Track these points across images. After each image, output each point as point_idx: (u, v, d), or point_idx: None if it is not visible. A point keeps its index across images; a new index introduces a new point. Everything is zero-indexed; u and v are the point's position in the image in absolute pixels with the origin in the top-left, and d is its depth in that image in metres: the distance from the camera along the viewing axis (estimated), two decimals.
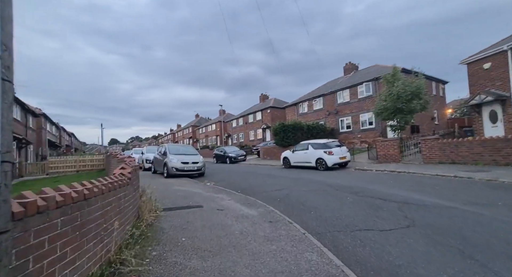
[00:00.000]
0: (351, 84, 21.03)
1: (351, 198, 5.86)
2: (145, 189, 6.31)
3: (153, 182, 9.36)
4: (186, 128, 65.49)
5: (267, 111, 33.46)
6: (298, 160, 13.25)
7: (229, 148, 23.71)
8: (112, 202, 2.73)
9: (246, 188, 8.04)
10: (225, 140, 44.15)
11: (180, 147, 13.30)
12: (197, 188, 7.96)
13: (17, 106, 16.81)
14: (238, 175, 12.10)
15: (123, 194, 3.17)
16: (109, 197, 2.63)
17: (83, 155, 22.26)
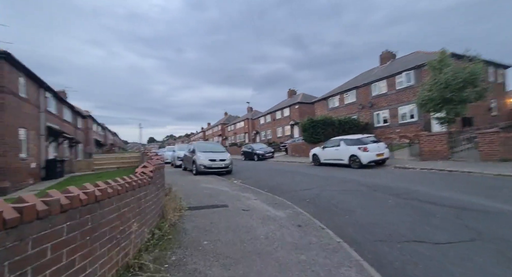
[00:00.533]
0: (388, 74, 19.20)
1: (393, 201, 5.15)
2: (172, 186, 6.37)
3: (182, 179, 9.55)
4: (215, 126, 67.30)
5: (295, 107, 32.53)
6: (328, 157, 12.47)
7: (256, 145, 23.57)
8: (130, 203, 2.61)
9: (274, 187, 7.69)
10: (253, 137, 44.24)
11: (208, 145, 13.46)
12: (224, 186, 7.85)
13: (67, 109, 18.73)
14: (266, 172, 11.81)
15: (144, 193, 3.06)
16: (126, 197, 2.51)
17: (122, 153, 24.07)
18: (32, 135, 11.71)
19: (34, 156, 11.80)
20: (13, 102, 9.87)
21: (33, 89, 12.05)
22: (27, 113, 11.28)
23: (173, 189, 6.14)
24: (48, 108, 14.18)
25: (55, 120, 15.29)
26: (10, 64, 9.70)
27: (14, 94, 10.04)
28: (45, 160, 12.73)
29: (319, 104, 27.84)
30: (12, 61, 9.76)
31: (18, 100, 10.38)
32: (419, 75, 16.55)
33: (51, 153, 14.44)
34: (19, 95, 10.54)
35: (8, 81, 9.56)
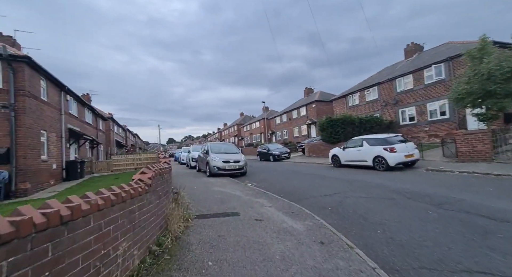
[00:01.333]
0: (415, 68, 17.71)
1: (434, 213, 4.34)
2: (181, 191, 5.99)
3: (194, 182, 9.23)
4: (231, 126, 67.55)
5: (312, 106, 31.47)
6: (350, 158, 11.57)
7: (272, 145, 22.96)
8: (118, 218, 2.18)
9: (290, 191, 7.08)
10: (269, 137, 43.63)
11: (222, 145, 13.11)
12: (237, 190, 7.38)
13: (89, 111, 19.38)
14: (282, 174, 11.19)
15: (139, 205, 2.63)
16: (112, 212, 2.07)
17: (140, 154, 24.57)
18: (53, 137, 12.06)
19: (55, 158, 12.15)
20: (34, 105, 10.15)
21: (54, 92, 12.41)
22: (48, 116, 11.61)
23: (182, 194, 5.76)
24: (70, 111, 14.63)
25: (76, 122, 15.78)
26: (31, 68, 9.97)
27: (35, 98, 10.33)
28: (65, 161, 13.09)
29: (338, 102, 26.60)
30: (33, 65, 10.03)
31: (39, 103, 10.67)
32: (452, 68, 15.02)
33: (72, 154, 14.88)
34: (40, 98, 10.84)
35: (29, 84, 9.82)
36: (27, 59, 9.58)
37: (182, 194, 5.64)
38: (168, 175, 4.37)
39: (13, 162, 9.07)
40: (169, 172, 4.41)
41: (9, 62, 9.14)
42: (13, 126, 9.16)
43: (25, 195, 9.16)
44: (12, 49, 9.73)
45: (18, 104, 9.36)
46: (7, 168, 9.00)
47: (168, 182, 4.20)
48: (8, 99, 9.19)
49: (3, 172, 8.89)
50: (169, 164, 5.30)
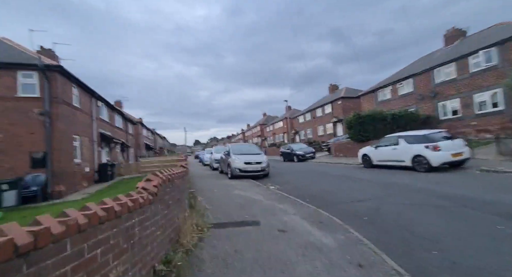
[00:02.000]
0: (458, 56, 15.69)
1: (505, 226, 3.43)
2: (198, 195, 5.69)
3: (214, 184, 8.96)
4: (254, 127, 67.53)
5: (337, 103, 29.91)
6: (383, 157, 10.46)
7: (296, 145, 22.15)
8: (110, 238, 1.82)
9: (317, 196, 6.42)
10: (292, 137, 42.59)
11: (244, 146, 12.77)
12: (258, 194, 6.90)
13: (119, 116, 20.44)
14: (307, 176, 10.47)
15: (139, 219, 2.28)
16: (99, 232, 1.72)
17: (166, 156, 25.34)
18: (86, 141, 12.74)
19: (88, 161, 12.82)
20: (66, 112, 10.75)
21: (85, 99, 13.13)
22: (81, 121, 12.28)
23: (199, 198, 5.46)
24: (101, 116, 15.45)
25: (107, 127, 16.63)
26: (63, 77, 10.57)
27: (68, 104, 10.94)
28: (98, 164, 13.78)
29: (366, 98, 24.84)
30: (65, 73, 10.63)
31: (72, 110, 11.30)
32: (505, 52, 12.95)
33: (104, 157, 15.69)
34: (72, 105, 11.48)
35: (62, 92, 10.42)
36: (59, 68, 10.16)
37: (199, 199, 5.33)
38: (181, 180, 4.05)
39: (49, 166, 9.64)
40: (182, 177, 4.08)
41: (44, 72, 9.76)
42: (48, 132, 9.75)
43: (60, 197, 9.69)
44: (47, 60, 10.40)
45: (52, 111, 9.95)
46: (43, 172, 9.60)
47: (180, 188, 3.86)
48: (44, 106, 9.80)
49: (40, 175, 9.49)
50: (186, 167, 5.02)
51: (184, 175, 4.42)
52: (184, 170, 4.65)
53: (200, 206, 5.24)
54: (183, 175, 4.22)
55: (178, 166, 5.00)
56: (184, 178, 4.41)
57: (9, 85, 9.55)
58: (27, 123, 9.66)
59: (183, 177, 4.24)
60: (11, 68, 9.60)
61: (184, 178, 4.28)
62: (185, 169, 4.83)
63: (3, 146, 9.29)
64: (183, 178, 4.23)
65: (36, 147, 9.67)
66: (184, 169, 4.88)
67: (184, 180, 4.31)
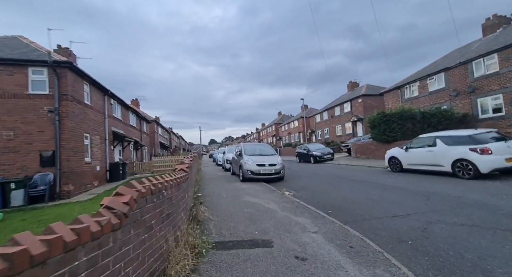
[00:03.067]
0: (501, 46, 13.75)
1: None
2: (204, 202, 4.94)
3: (224, 188, 8.20)
4: (269, 126, 66.56)
5: (358, 101, 28.19)
6: (416, 161, 9.15)
7: (313, 146, 20.96)
8: None
9: (341, 207, 5.44)
10: (308, 137, 41.16)
11: (257, 146, 11.93)
12: (271, 201, 6.04)
13: (133, 114, 20.44)
14: (326, 180, 9.43)
15: (89, 257, 1.51)
16: None
17: (180, 155, 25.17)
18: (97, 140, 12.56)
19: (99, 160, 12.64)
20: (77, 109, 10.53)
21: (97, 96, 12.97)
22: (92, 119, 12.10)
23: (202, 208, 4.71)
24: (114, 114, 15.34)
25: (121, 125, 16.54)
26: (73, 73, 10.35)
27: (79, 102, 10.73)
28: (109, 163, 13.61)
29: (390, 95, 23.02)
30: (75, 70, 10.41)
31: (83, 107, 11.10)
32: None
33: (117, 156, 15.58)
34: (83, 103, 11.29)
35: (72, 89, 10.20)
36: (69, 64, 9.92)
37: (202, 209, 4.58)
38: (177, 188, 3.27)
39: (57, 165, 9.42)
40: (179, 184, 3.29)
41: (53, 68, 9.55)
42: (57, 130, 9.53)
43: (68, 196, 9.45)
44: (57, 56, 10.23)
45: (62, 109, 9.73)
46: (52, 171, 9.39)
47: (174, 199, 3.09)
48: (53, 104, 9.60)
49: (49, 175, 9.28)
50: (186, 171, 4.27)
51: (183, 182, 3.67)
52: (184, 174, 3.90)
53: (203, 216, 4.48)
54: (181, 182, 3.46)
55: (177, 170, 4.26)
56: (183, 184, 3.66)
57: (21, 82, 9.44)
58: (38, 121, 9.51)
59: (182, 184, 3.48)
60: (22, 65, 9.49)
61: (182, 185, 3.52)
62: (186, 174, 4.08)
63: (14, 144, 9.19)
64: (182, 185, 3.47)
65: (46, 145, 9.49)
66: (185, 173, 4.13)
67: (183, 187, 3.56)
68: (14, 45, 10.90)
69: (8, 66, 9.35)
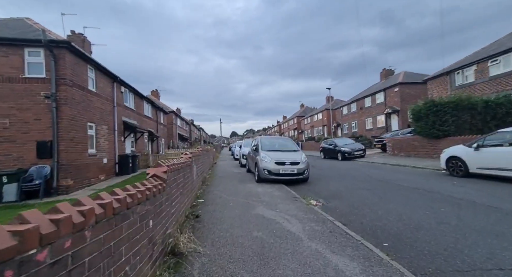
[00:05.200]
0: None
1: None
2: (202, 216, 3.37)
3: (235, 192, 6.59)
4: (291, 119, 63.97)
5: (393, 90, 24.84)
6: (491, 163, 6.77)
7: (340, 140, 18.62)
8: None
9: (401, 235, 3.54)
10: (333, 130, 38.24)
11: (276, 141, 10.15)
12: (293, 217, 4.31)
13: (148, 104, 19.66)
14: (364, 184, 7.43)
15: None
16: None
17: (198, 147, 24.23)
18: (104, 130, 11.69)
19: (107, 151, 11.80)
20: (78, 96, 9.57)
21: (105, 83, 12.03)
22: (98, 108, 11.19)
23: (190, 237, 3.13)
24: (125, 103, 14.47)
25: (133, 115, 15.72)
26: (73, 55, 9.34)
27: (81, 88, 9.77)
28: (118, 156, 12.79)
29: (436, 82, 19.61)
30: (75, 51, 9.38)
31: (86, 94, 10.15)
32: None
33: (129, 148, 14.80)
34: (87, 89, 10.34)
35: (72, 73, 9.20)
36: (67, 44, 8.88)
37: (186, 237, 3.00)
38: (148, 207, 1.71)
39: (55, 157, 8.55)
40: (156, 193, 1.72)
41: (50, 49, 8.56)
42: (54, 117, 8.61)
43: (67, 192, 8.58)
44: (54, 35, 9.25)
45: (59, 94, 8.77)
46: (49, 163, 8.54)
47: (146, 217, 1.51)
48: (50, 89, 8.66)
49: (46, 167, 8.44)
50: (161, 179, 2.69)
51: (149, 198, 2.10)
52: (156, 184, 2.32)
53: (186, 248, 2.90)
54: (138, 202, 1.87)
55: (148, 176, 2.71)
56: (156, 198, 2.11)
57: (16, 65, 8.61)
58: (34, 108, 8.67)
59: (145, 203, 1.90)
60: (18, 45, 8.63)
61: (150, 203, 1.95)
62: (158, 183, 2.51)
63: (10, 134, 8.45)
64: (151, 204, 1.88)
65: (43, 135, 8.65)
66: (158, 182, 2.56)
67: (156, 202, 1.99)
68: (16, 26, 10.15)
69: (3, 47, 8.52)
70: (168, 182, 3.02)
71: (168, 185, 3.01)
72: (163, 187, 2.73)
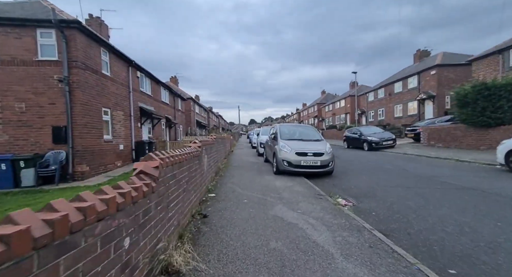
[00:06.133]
0: None
1: None
2: (210, 215, 2.71)
3: (250, 186, 5.88)
4: (311, 106, 61.58)
5: (429, 73, 22.20)
6: None
7: (367, 129, 17.10)
8: None
9: (469, 257, 2.61)
10: (357, 118, 35.94)
11: (297, 129, 9.20)
12: (319, 222, 3.52)
13: (165, 90, 19.39)
14: (402, 181, 6.36)
15: None
16: None
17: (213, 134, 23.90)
18: (120, 116, 11.49)
19: (123, 138, 11.67)
20: (92, 80, 9.28)
21: (120, 67, 11.69)
22: (113, 93, 10.92)
23: (188, 254, 2.48)
24: (141, 88, 14.19)
25: (150, 101, 15.48)
26: (85, 36, 8.94)
27: (94, 71, 9.45)
28: (134, 142, 12.67)
29: (484, 63, 16.98)
30: (86, 32, 8.97)
31: (99, 78, 9.84)
32: None
33: (146, 134, 14.70)
34: (101, 73, 10.02)
35: (84, 55, 8.85)
36: (77, 24, 8.45)
37: (185, 250, 2.34)
38: (121, 220, 1.09)
39: (70, 142, 8.42)
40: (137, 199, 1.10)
41: (61, 29, 8.18)
42: (68, 102, 8.39)
43: (82, 178, 8.51)
44: (65, 15, 8.86)
45: (72, 78, 8.49)
46: (64, 148, 8.44)
47: None
48: (62, 72, 8.38)
49: (62, 152, 8.36)
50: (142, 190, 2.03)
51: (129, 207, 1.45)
52: (126, 200, 1.66)
53: (184, 265, 2.25)
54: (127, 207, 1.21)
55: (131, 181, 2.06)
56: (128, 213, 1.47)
57: (29, 47, 8.39)
58: (48, 92, 8.51)
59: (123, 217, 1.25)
60: (30, 26, 8.36)
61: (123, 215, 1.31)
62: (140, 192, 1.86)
63: (27, 118, 8.41)
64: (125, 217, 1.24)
65: (58, 120, 8.52)
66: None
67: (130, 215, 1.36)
68: (31, 8, 9.91)
69: (16, 28, 8.30)
70: (163, 180, 2.36)
71: (162, 183, 2.34)
72: (151, 188, 2.05)
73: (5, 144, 8.25)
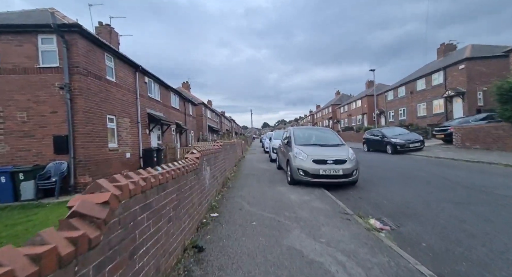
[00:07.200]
0: None
1: None
2: (207, 248, 1.84)
3: (261, 200, 4.96)
4: (325, 108, 59.80)
5: (457, 68, 20.31)
6: None
7: (389, 130, 15.69)
8: None
9: None
10: (375, 119, 34.01)
11: (313, 132, 8.22)
12: (351, 259, 2.57)
13: (175, 95, 19.08)
14: (446, 194, 5.21)
15: None
16: None
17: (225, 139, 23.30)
18: (126, 123, 11.09)
19: (130, 145, 11.25)
20: (94, 86, 8.90)
21: (125, 73, 11.34)
22: (119, 99, 10.54)
23: None
24: (149, 94, 13.84)
25: (159, 106, 15.12)
26: (86, 40, 8.59)
27: (97, 77, 9.08)
28: (142, 150, 12.23)
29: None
30: (88, 36, 8.61)
31: (103, 84, 9.47)
32: None
33: (155, 141, 14.30)
34: (105, 78, 9.66)
35: (86, 61, 8.49)
36: (78, 27, 8.08)
37: None
38: None
39: (71, 152, 8.00)
40: None
41: (61, 34, 7.86)
42: (69, 110, 8.01)
43: (85, 190, 8.02)
44: (65, 19, 8.56)
45: (73, 84, 8.12)
46: (67, 159, 8.03)
47: None
48: (64, 79, 8.03)
49: (63, 163, 7.95)
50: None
51: None
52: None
53: None
54: None
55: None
56: None
57: (30, 54, 8.14)
58: (50, 100, 8.19)
59: None
60: (30, 32, 8.13)
61: None
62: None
63: (29, 128, 8.11)
64: None
65: (59, 128, 8.16)
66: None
67: None
68: (38, 16, 9.79)
69: (17, 35, 8.08)
70: (120, 219, 1.57)
71: (118, 226, 1.55)
72: (87, 242, 1.24)
73: (7, 155, 7.97)
